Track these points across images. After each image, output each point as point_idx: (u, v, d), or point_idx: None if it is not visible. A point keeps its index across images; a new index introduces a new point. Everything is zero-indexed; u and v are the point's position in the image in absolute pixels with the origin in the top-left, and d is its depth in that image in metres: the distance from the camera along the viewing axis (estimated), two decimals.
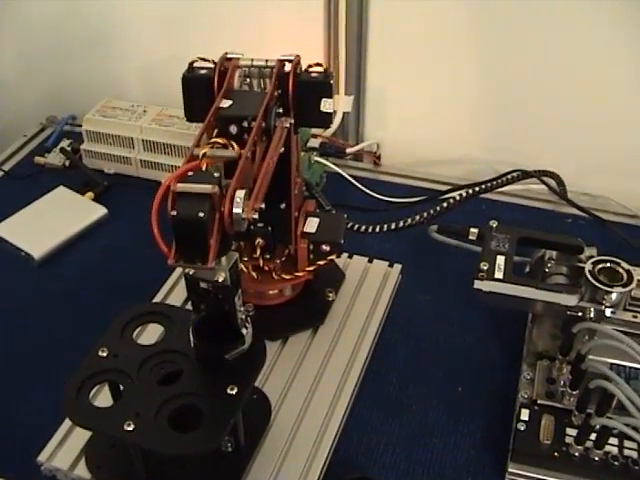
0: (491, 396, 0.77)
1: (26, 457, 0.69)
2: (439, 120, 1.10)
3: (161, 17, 1.13)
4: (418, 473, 0.70)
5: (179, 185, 0.53)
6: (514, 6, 0.96)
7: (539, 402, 0.71)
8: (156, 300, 0.84)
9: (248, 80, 0.71)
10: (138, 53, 1.19)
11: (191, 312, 0.62)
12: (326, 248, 0.77)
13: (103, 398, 0.66)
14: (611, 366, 0.66)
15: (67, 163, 1.11)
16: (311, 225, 0.78)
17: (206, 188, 0.53)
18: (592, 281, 0.71)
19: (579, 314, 0.71)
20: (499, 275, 0.74)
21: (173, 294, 0.85)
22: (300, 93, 0.71)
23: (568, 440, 0.68)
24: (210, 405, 0.59)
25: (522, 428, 0.69)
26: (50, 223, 0.98)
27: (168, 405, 0.59)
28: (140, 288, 0.85)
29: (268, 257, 0.78)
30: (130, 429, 0.57)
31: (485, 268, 0.75)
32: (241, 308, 0.60)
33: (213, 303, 0.59)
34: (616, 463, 0.66)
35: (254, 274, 0.79)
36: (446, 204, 0.92)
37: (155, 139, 1.06)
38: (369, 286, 0.87)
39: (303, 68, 0.72)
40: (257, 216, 0.56)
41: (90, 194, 1.04)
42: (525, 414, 0.70)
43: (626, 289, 0.71)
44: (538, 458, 0.67)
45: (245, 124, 0.63)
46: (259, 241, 0.76)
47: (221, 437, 0.59)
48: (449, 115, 1.09)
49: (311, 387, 0.75)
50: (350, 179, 1.06)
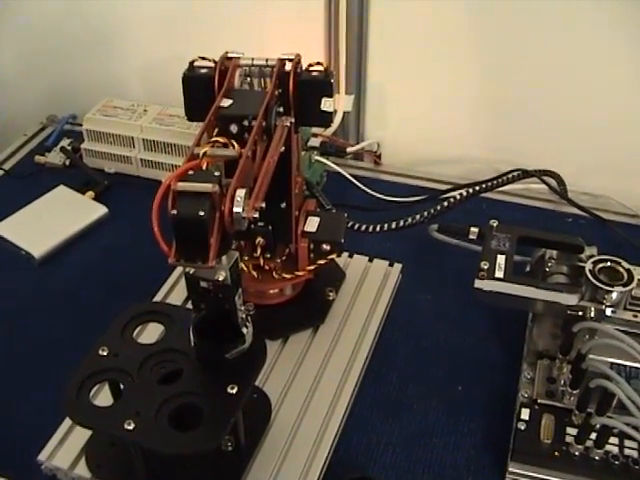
0: (491, 395, 0.77)
1: (26, 457, 0.69)
2: (439, 119, 1.10)
3: (161, 17, 1.13)
4: (418, 473, 0.70)
5: (179, 184, 0.53)
6: (514, 6, 0.96)
7: (539, 401, 0.71)
8: (156, 299, 0.84)
9: (249, 79, 0.71)
10: (139, 52, 1.19)
11: (191, 311, 0.62)
12: (326, 247, 0.77)
13: (103, 397, 0.67)
14: (611, 365, 0.66)
15: (67, 162, 1.11)
16: (311, 224, 0.78)
17: (206, 187, 0.53)
18: (592, 280, 0.71)
19: (579, 313, 0.71)
20: (499, 274, 0.74)
21: (173, 293, 0.85)
22: (300, 92, 0.70)
23: (568, 439, 0.68)
24: (210, 404, 0.59)
25: (522, 427, 0.69)
26: (50, 222, 0.98)
27: (168, 404, 0.59)
28: (140, 287, 0.85)
29: (269, 256, 0.78)
30: (130, 428, 0.57)
31: (485, 267, 0.74)
32: (241, 307, 0.60)
33: (213, 302, 0.59)
34: (616, 462, 0.66)
35: (254, 273, 0.79)
36: (446, 203, 0.92)
37: (155, 138, 1.06)
38: (369, 285, 0.87)
39: (303, 67, 0.72)
40: (257, 215, 0.56)
41: (90, 193, 1.04)
42: (525, 413, 0.70)
43: (626, 288, 0.70)
44: (538, 457, 0.67)
45: (246, 123, 0.63)
46: (260, 240, 0.76)
47: (221, 436, 0.59)
48: (449, 114, 1.09)
49: (311, 386, 0.75)
50: (350, 178, 1.06)
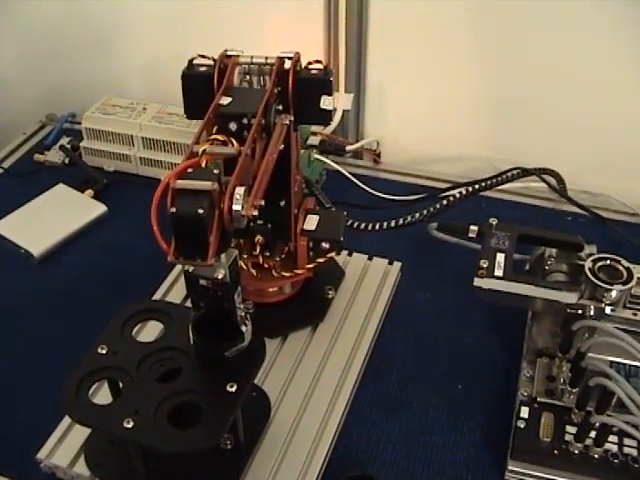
0: (491, 394, 0.77)
1: (26, 456, 0.69)
2: (439, 118, 1.10)
3: (161, 15, 1.13)
4: (418, 471, 0.70)
5: (178, 182, 0.53)
6: (514, 6, 0.96)
7: (539, 400, 0.71)
8: (156, 297, 0.84)
9: (248, 77, 0.71)
10: (138, 51, 1.19)
11: (191, 309, 0.62)
12: (326, 246, 0.77)
13: (103, 395, 0.66)
14: (611, 364, 0.66)
15: (67, 161, 1.11)
16: (311, 223, 0.78)
17: (205, 185, 0.52)
18: (592, 279, 0.71)
19: (579, 312, 0.71)
20: (499, 273, 0.74)
21: (173, 291, 0.85)
22: (300, 90, 0.70)
23: (568, 438, 0.68)
24: (209, 402, 0.59)
25: (522, 426, 0.69)
26: (50, 221, 0.98)
27: (167, 402, 0.59)
28: (140, 285, 0.85)
29: (268, 254, 0.78)
30: (129, 426, 0.57)
31: (485, 266, 0.74)
32: (240, 305, 0.60)
33: (212, 300, 0.59)
34: (616, 461, 0.66)
35: (254, 271, 0.79)
36: (446, 202, 0.92)
37: (155, 137, 1.06)
38: (369, 284, 0.86)
39: (303, 65, 0.72)
40: (257, 213, 0.56)
41: (90, 191, 1.04)
42: (525, 412, 0.70)
43: (626, 287, 0.70)
44: (538, 456, 0.67)
45: (245, 121, 0.63)
46: (259, 238, 0.76)
47: (220, 434, 0.59)
48: (449, 113, 1.09)
49: (311, 384, 0.75)
50: (350, 177, 1.06)
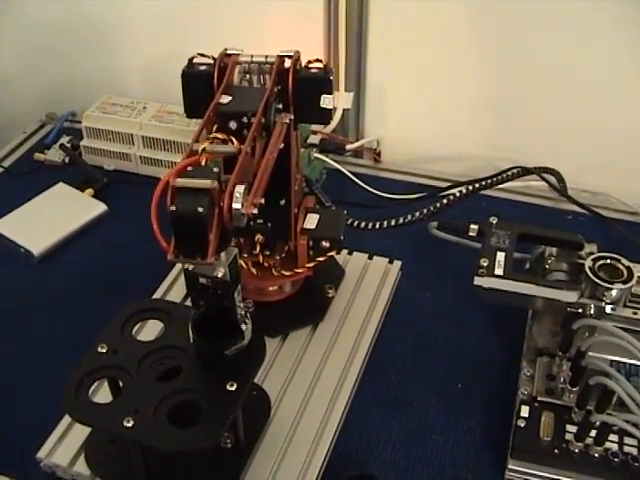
0: (491, 393, 0.77)
1: (26, 455, 0.69)
2: (439, 117, 1.09)
3: (161, 14, 1.13)
4: (418, 470, 0.70)
5: (178, 180, 0.53)
6: (514, 6, 0.96)
7: (539, 399, 0.71)
8: (156, 296, 0.84)
9: (248, 76, 0.71)
10: (138, 50, 1.19)
11: (191, 308, 0.62)
12: (326, 244, 0.77)
13: (103, 394, 0.66)
14: (611, 363, 0.66)
15: (67, 160, 1.11)
16: (311, 221, 0.78)
17: (205, 183, 0.52)
18: (592, 278, 0.71)
19: (579, 311, 0.71)
20: (499, 272, 0.74)
21: (173, 290, 0.85)
22: (300, 89, 0.70)
23: (568, 437, 0.68)
24: (209, 401, 0.59)
25: (522, 425, 0.69)
26: (50, 219, 0.98)
27: (167, 401, 0.59)
28: (140, 284, 0.85)
29: (268, 253, 0.78)
30: (129, 425, 0.57)
31: (485, 265, 0.74)
32: (240, 304, 0.60)
33: (212, 299, 0.58)
34: (616, 460, 0.66)
35: (254, 270, 0.79)
36: (446, 201, 0.92)
37: (155, 135, 1.06)
38: (369, 283, 0.86)
39: (303, 64, 0.72)
40: (256, 211, 0.56)
41: (90, 190, 1.04)
42: (525, 411, 0.70)
43: (626, 286, 0.70)
44: (538, 455, 0.67)
45: (245, 120, 0.63)
46: (259, 237, 0.76)
47: (220, 433, 0.59)
48: (449, 112, 1.08)
49: (311, 383, 0.75)
50: (350, 175, 1.06)
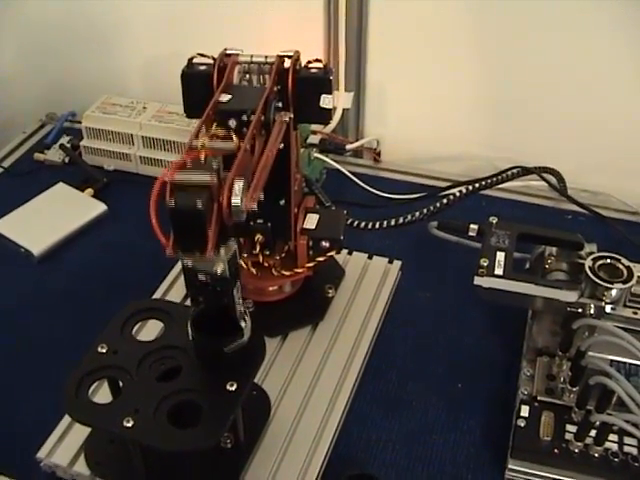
0: (491, 393, 0.77)
1: (26, 455, 0.69)
2: (439, 117, 1.09)
3: (161, 14, 1.13)
4: (418, 470, 0.70)
5: (177, 175, 0.52)
6: (514, 6, 0.96)
7: (539, 399, 0.71)
8: (156, 296, 0.84)
9: (247, 76, 0.71)
10: (138, 50, 1.19)
11: (190, 308, 0.62)
12: (326, 244, 0.77)
13: (102, 394, 0.66)
14: (611, 363, 0.66)
15: (67, 160, 1.11)
16: (311, 221, 0.78)
17: (204, 178, 0.52)
18: (592, 277, 0.71)
19: (579, 310, 0.71)
20: (499, 271, 0.74)
21: (173, 290, 0.85)
22: (299, 89, 0.70)
23: (568, 437, 0.68)
24: (209, 401, 0.59)
25: (522, 425, 0.69)
26: (50, 219, 0.98)
27: (167, 401, 0.59)
28: (140, 284, 0.85)
29: (268, 253, 0.78)
30: (129, 425, 0.57)
31: (485, 264, 0.74)
32: (240, 300, 0.60)
33: (212, 295, 0.58)
34: (616, 460, 0.66)
35: (254, 270, 0.79)
36: (446, 200, 0.92)
37: (155, 136, 1.06)
38: (369, 283, 0.86)
39: (302, 64, 0.71)
40: (256, 206, 0.55)
41: (90, 190, 1.04)
42: (525, 411, 0.70)
43: (626, 285, 0.70)
44: (538, 455, 0.67)
45: (244, 117, 0.63)
46: (259, 237, 0.76)
47: (220, 433, 0.59)
48: (449, 112, 1.08)
49: (311, 383, 0.75)
50: (350, 175, 1.06)
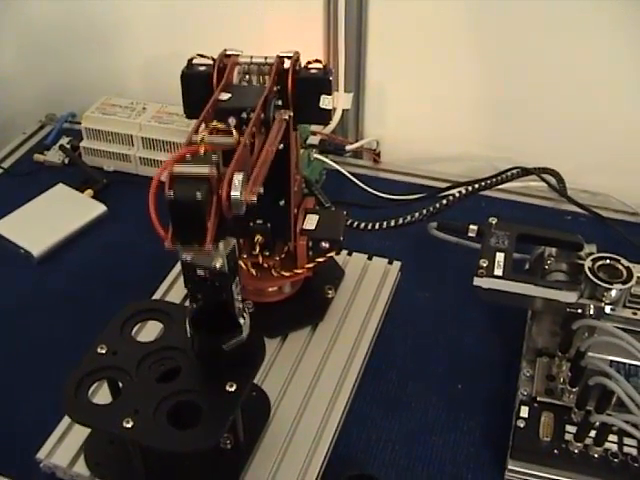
0: (491, 393, 0.77)
1: (26, 456, 0.69)
2: (439, 117, 1.09)
3: (161, 15, 1.13)
4: (418, 470, 0.70)
5: (176, 167, 0.52)
6: (514, 6, 0.96)
7: (539, 399, 0.71)
8: (156, 297, 0.84)
9: (247, 77, 0.71)
10: (138, 50, 1.19)
11: (190, 307, 0.62)
12: (325, 245, 0.77)
13: (102, 395, 0.66)
14: (611, 363, 0.66)
15: (66, 160, 1.11)
16: (310, 222, 0.78)
17: (204, 170, 0.52)
18: (592, 278, 0.71)
19: (579, 311, 0.71)
20: (498, 272, 0.74)
21: (172, 291, 0.85)
22: (299, 90, 0.70)
23: (568, 437, 0.68)
24: (209, 402, 0.59)
25: (522, 425, 0.69)
26: (49, 220, 0.98)
27: (167, 402, 0.59)
28: (139, 285, 0.85)
29: (267, 254, 0.78)
30: (129, 426, 0.57)
31: (485, 265, 0.75)
32: (239, 297, 0.60)
33: (210, 291, 0.58)
34: (616, 460, 0.66)
35: (253, 271, 0.79)
36: (446, 201, 0.92)
37: (154, 136, 1.06)
38: (368, 283, 0.86)
39: (302, 65, 0.72)
40: (255, 199, 0.55)
41: (89, 191, 1.04)
42: (525, 411, 0.70)
43: (626, 286, 0.70)
44: (538, 455, 0.67)
45: (244, 115, 0.63)
46: (258, 238, 0.76)
47: (220, 434, 0.59)
48: (449, 112, 1.08)
49: (310, 384, 0.75)
50: (349, 176, 1.06)
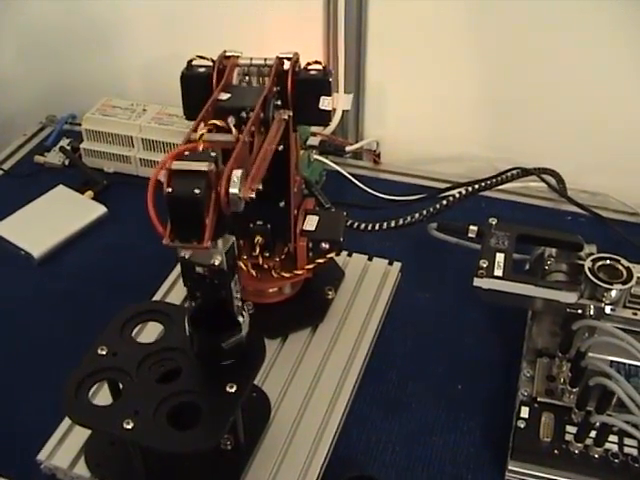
0: (491, 394, 0.77)
1: (26, 456, 0.69)
2: (439, 118, 1.09)
3: (161, 16, 1.13)
4: (418, 470, 0.70)
5: (175, 163, 0.52)
6: (514, 6, 0.96)
7: (539, 400, 0.71)
8: (156, 298, 0.84)
9: (247, 78, 0.71)
10: (138, 52, 1.19)
11: (188, 305, 0.61)
12: (325, 246, 0.77)
13: (102, 396, 0.67)
14: (611, 363, 0.66)
15: (67, 162, 1.11)
16: (310, 223, 0.78)
17: (202, 166, 0.52)
18: (592, 278, 0.71)
19: (579, 311, 0.71)
20: (498, 273, 0.74)
21: (172, 292, 0.85)
22: (299, 91, 0.70)
23: (568, 438, 0.68)
24: (209, 403, 0.59)
25: (522, 426, 0.69)
26: (50, 222, 0.98)
27: (167, 403, 0.59)
28: (140, 286, 0.85)
29: (267, 255, 0.78)
30: (129, 427, 0.57)
31: (485, 266, 0.74)
32: (238, 295, 0.60)
33: (209, 289, 0.58)
34: (616, 460, 0.66)
35: (253, 272, 0.79)
36: (446, 202, 0.92)
37: (154, 138, 1.06)
38: (369, 284, 0.86)
39: (302, 66, 0.72)
40: (254, 196, 0.55)
41: (90, 193, 1.04)
42: (525, 412, 0.70)
43: (626, 286, 0.70)
44: (538, 456, 0.67)
45: (243, 114, 0.63)
46: (258, 239, 0.76)
47: (220, 435, 0.59)
48: (449, 113, 1.09)
49: (311, 385, 0.75)
50: (350, 177, 1.06)
